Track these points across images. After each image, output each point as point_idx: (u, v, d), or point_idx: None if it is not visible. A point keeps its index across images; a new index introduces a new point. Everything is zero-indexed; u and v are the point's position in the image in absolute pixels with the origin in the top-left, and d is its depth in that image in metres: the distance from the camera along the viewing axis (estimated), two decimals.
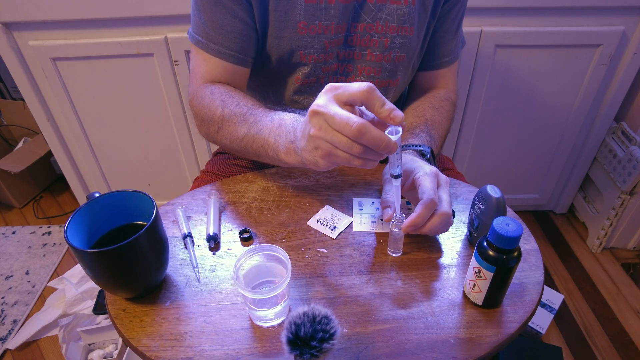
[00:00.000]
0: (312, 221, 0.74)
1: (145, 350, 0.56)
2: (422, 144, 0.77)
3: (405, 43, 0.80)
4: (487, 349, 0.56)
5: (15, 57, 1.30)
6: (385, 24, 0.78)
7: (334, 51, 0.80)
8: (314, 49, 0.78)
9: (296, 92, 0.85)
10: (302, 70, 0.81)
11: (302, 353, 0.48)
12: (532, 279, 0.64)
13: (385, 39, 0.79)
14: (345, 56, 0.81)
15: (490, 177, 1.66)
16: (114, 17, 1.23)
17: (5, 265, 1.62)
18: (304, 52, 0.78)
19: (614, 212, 1.51)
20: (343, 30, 0.78)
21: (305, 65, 0.80)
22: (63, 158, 1.55)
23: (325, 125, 0.54)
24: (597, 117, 1.49)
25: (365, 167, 0.57)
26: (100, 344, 1.31)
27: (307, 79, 0.82)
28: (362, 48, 0.80)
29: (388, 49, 0.80)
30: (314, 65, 0.80)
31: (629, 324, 1.40)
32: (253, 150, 0.71)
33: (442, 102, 0.89)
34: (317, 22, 0.75)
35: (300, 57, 0.79)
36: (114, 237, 0.61)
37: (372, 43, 0.79)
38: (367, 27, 0.78)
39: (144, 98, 1.40)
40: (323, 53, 0.79)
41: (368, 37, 0.79)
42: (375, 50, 0.80)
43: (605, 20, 1.28)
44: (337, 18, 0.76)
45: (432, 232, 0.64)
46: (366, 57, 0.81)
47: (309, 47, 0.78)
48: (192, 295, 0.63)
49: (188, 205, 0.78)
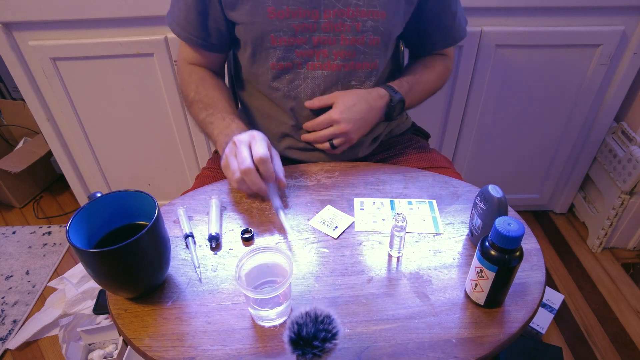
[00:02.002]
0: (313, 221, 0.74)
1: (147, 350, 0.56)
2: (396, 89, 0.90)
3: (378, 26, 0.84)
4: (489, 348, 0.56)
5: (15, 57, 1.29)
6: (355, 9, 0.82)
7: (306, 36, 0.83)
8: (283, 32, 0.82)
9: (274, 78, 0.88)
10: (275, 54, 0.85)
11: (304, 353, 0.48)
12: (534, 279, 0.64)
13: (356, 23, 0.83)
14: (320, 42, 0.84)
15: (490, 177, 1.66)
16: (114, 17, 1.23)
17: (6, 265, 1.62)
18: (274, 36, 0.83)
19: (614, 212, 1.52)
20: (315, 17, 0.82)
21: (277, 48, 0.85)
22: (63, 158, 1.55)
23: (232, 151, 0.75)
24: (597, 117, 1.49)
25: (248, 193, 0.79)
26: (101, 344, 1.31)
27: (282, 63, 0.86)
28: (336, 33, 0.84)
29: (360, 32, 0.84)
30: (285, 49, 0.85)
31: (629, 324, 1.40)
32: (205, 132, 0.90)
33: (434, 63, 0.99)
34: (284, 7, 0.81)
35: (271, 40, 0.83)
36: (115, 237, 0.61)
37: (344, 27, 0.83)
38: (339, 12, 0.82)
39: (144, 98, 1.40)
40: (293, 36, 0.83)
41: (340, 22, 0.83)
42: (347, 34, 0.84)
43: (605, 20, 1.28)
44: (305, 3, 0.81)
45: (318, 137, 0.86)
46: (340, 41, 0.84)
47: (279, 30, 0.82)
48: (193, 295, 0.63)
49: (189, 205, 0.78)
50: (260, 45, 0.85)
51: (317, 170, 0.86)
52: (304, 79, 0.87)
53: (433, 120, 1.48)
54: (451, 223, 0.74)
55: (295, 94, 0.88)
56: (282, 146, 0.95)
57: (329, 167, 0.87)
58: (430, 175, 0.84)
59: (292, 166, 0.87)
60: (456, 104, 1.44)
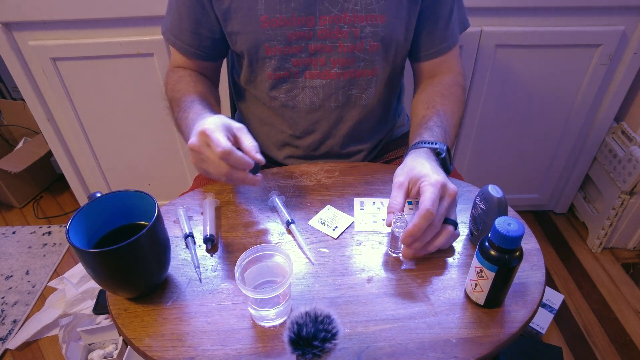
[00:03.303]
0: (313, 221, 0.74)
1: (147, 350, 0.56)
2: (437, 141, 0.76)
3: (377, 32, 0.81)
4: (489, 348, 0.56)
5: (15, 57, 1.29)
6: (353, 14, 0.79)
7: (302, 44, 0.81)
8: (277, 41, 0.80)
9: (272, 88, 0.87)
10: (271, 63, 0.83)
11: (304, 353, 0.48)
12: (534, 279, 0.64)
13: (354, 29, 0.80)
14: (317, 50, 0.82)
15: (490, 177, 1.66)
16: (114, 17, 1.23)
17: (5, 265, 1.62)
18: (268, 45, 0.81)
19: (614, 212, 1.52)
20: (310, 24, 0.79)
21: (272, 58, 0.82)
22: (63, 158, 1.55)
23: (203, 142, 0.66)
24: (597, 117, 1.49)
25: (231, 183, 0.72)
26: (101, 344, 1.31)
27: (279, 73, 0.84)
28: (333, 40, 0.81)
29: (358, 38, 0.81)
30: (280, 58, 0.82)
31: (629, 324, 1.40)
32: (180, 129, 0.84)
33: (451, 89, 0.88)
34: (277, 15, 0.78)
35: (266, 50, 0.81)
36: (115, 237, 0.61)
37: (341, 34, 0.80)
38: (335, 18, 0.79)
39: (144, 98, 1.40)
40: (288, 45, 0.81)
41: (337, 29, 0.80)
42: (345, 41, 0.81)
43: (605, 20, 1.28)
44: (299, 10, 0.78)
45: (434, 246, 0.66)
46: (337, 48, 0.82)
47: (272, 40, 0.80)
48: (193, 295, 0.63)
49: (189, 205, 0.78)
50: (255, 55, 0.83)
51: (317, 170, 0.86)
52: (301, 88, 0.85)
53: None
54: None
55: (293, 104, 0.87)
56: (281, 155, 0.95)
57: (329, 167, 0.87)
58: None
59: (292, 166, 0.87)
60: None
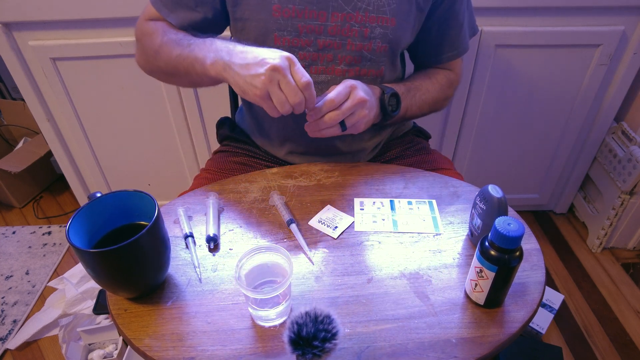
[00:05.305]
0: (313, 221, 0.74)
1: (147, 350, 0.56)
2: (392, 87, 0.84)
3: (387, 34, 0.82)
4: (489, 348, 0.56)
5: (15, 57, 1.29)
6: (365, 14, 0.80)
7: (311, 38, 0.81)
8: (287, 32, 0.80)
9: None
10: None
11: (304, 353, 0.48)
12: (534, 279, 0.64)
13: (365, 29, 0.81)
14: (325, 46, 0.82)
15: (490, 177, 1.66)
16: (114, 17, 1.23)
17: (5, 265, 1.62)
18: (278, 35, 0.81)
19: (614, 212, 1.52)
20: (322, 19, 0.80)
21: (280, 48, 0.81)
22: (63, 158, 1.55)
23: (286, 66, 0.67)
24: (597, 117, 1.49)
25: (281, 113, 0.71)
26: (100, 344, 1.31)
27: None
28: (342, 37, 0.82)
29: (368, 38, 0.82)
30: (288, 50, 0.81)
31: (629, 324, 1.40)
32: (183, 69, 0.77)
33: (437, 75, 0.94)
34: (290, 6, 0.78)
35: (274, 39, 0.81)
36: (115, 237, 0.61)
37: (351, 32, 0.81)
38: (347, 16, 0.80)
39: (144, 98, 1.40)
40: (297, 37, 0.81)
41: (348, 27, 0.81)
42: (355, 40, 0.82)
43: (605, 20, 1.28)
44: (312, 4, 0.79)
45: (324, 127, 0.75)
46: (346, 46, 0.82)
47: (282, 30, 0.80)
48: (193, 295, 0.63)
49: (189, 205, 0.78)
50: (263, 43, 0.82)
51: (317, 170, 0.86)
52: None
53: (433, 120, 1.48)
54: (451, 223, 0.74)
55: None
56: (283, 151, 0.94)
57: (329, 167, 0.87)
58: (430, 175, 0.85)
59: (292, 166, 0.87)
60: (456, 104, 1.44)
